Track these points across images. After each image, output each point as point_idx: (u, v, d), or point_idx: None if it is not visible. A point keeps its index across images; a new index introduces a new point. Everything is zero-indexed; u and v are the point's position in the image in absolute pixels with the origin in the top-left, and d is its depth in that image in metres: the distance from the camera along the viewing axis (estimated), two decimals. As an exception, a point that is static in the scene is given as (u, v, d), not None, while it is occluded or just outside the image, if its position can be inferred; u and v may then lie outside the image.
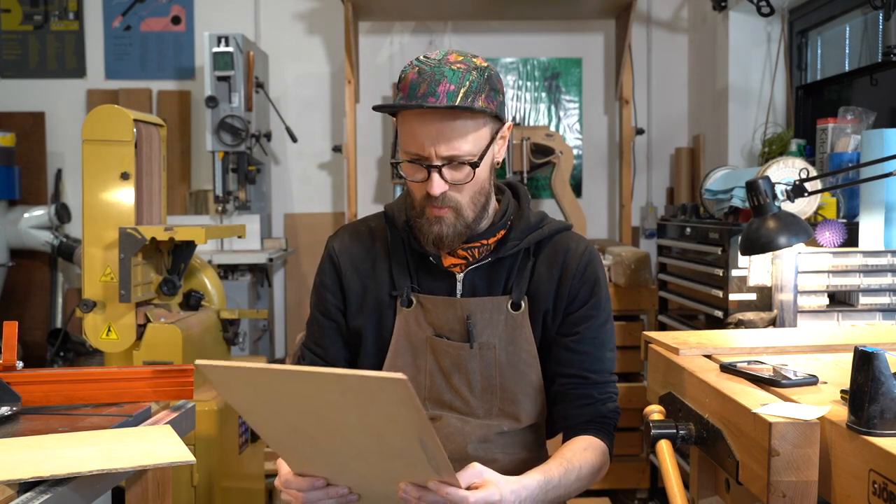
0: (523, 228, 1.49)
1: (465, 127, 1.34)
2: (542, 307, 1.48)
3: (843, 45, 3.32)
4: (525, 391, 1.48)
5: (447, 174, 1.36)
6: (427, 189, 1.37)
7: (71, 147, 4.22)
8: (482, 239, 1.48)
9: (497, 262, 1.48)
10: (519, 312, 1.47)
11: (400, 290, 1.48)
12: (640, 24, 4.23)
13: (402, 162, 1.41)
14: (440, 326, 1.47)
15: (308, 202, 4.33)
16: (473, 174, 1.37)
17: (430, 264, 1.48)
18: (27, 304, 4.20)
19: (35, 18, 4.27)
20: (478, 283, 1.48)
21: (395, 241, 1.52)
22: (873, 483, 0.99)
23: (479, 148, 1.37)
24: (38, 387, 1.44)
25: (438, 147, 1.34)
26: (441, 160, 1.35)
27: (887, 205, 2.12)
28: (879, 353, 1.05)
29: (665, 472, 1.33)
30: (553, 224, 1.52)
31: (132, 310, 2.26)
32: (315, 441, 1.16)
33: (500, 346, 1.46)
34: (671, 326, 3.08)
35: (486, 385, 1.46)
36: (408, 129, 1.37)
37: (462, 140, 1.34)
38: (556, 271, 1.48)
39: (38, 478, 1.09)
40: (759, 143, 3.54)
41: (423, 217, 1.42)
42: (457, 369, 1.46)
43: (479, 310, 1.46)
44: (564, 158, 3.69)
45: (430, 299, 1.47)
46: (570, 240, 1.52)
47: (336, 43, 4.24)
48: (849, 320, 2.09)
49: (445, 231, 1.40)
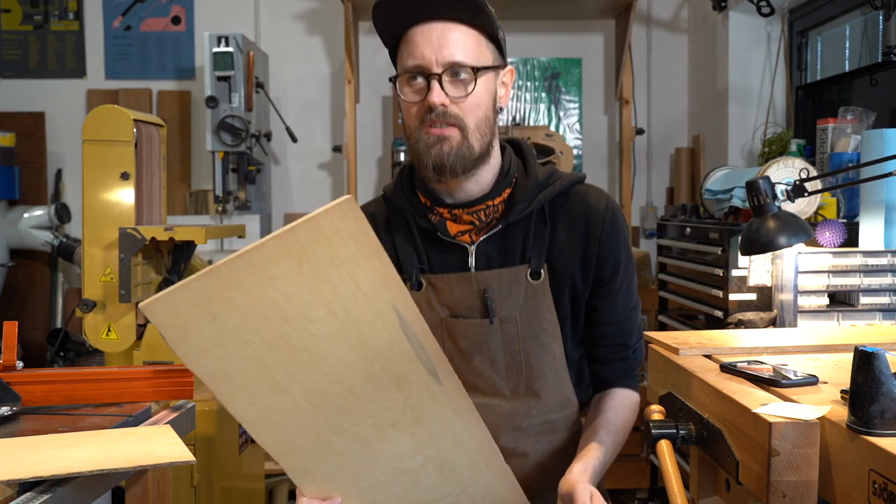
0: (532, 187, 1.40)
1: (466, 38, 1.32)
2: (567, 274, 1.40)
3: (843, 45, 3.32)
4: (550, 364, 1.41)
5: (448, 88, 1.31)
6: (428, 100, 1.31)
7: (71, 147, 4.22)
8: (487, 200, 1.39)
9: (509, 228, 1.40)
10: (539, 282, 1.38)
11: (408, 273, 1.40)
12: (640, 24, 4.23)
13: (400, 76, 1.35)
14: (455, 306, 1.39)
15: (308, 202, 4.33)
16: (474, 85, 1.32)
17: (438, 239, 1.41)
18: (27, 304, 4.20)
19: (35, 18, 4.27)
20: (491, 253, 1.40)
21: (396, 221, 1.45)
22: (873, 483, 0.99)
23: (479, 62, 1.33)
24: (38, 387, 1.44)
25: (439, 53, 1.30)
26: (441, 66, 1.30)
27: (887, 205, 2.12)
28: (879, 353, 1.05)
29: (665, 472, 1.33)
30: (565, 178, 1.43)
31: (132, 310, 2.26)
32: (300, 406, 1.06)
33: (521, 319, 1.38)
34: (671, 326, 3.08)
35: (510, 361, 1.40)
36: (407, 44, 1.33)
37: (462, 49, 1.31)
38: (580, 233, 1.40)
39: (38, 478, 1.09)
40: (759, 143, 3.54)
41: (422, 142, 1.33)
42: (477, 349, 1.39)
43: (497, 282, 1.37)
44: (564, 158, 3.69)
45: (442, 278, 1.39)
46: (589, 195, 1.43)
47: (336, 43, 4.24)
48: (849, 320, 2.09)
49: (447, 151, 1.32)
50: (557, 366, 1.43)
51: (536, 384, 1.42)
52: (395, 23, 1.35)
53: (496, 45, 1.38)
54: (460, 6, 1.30)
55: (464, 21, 1.32)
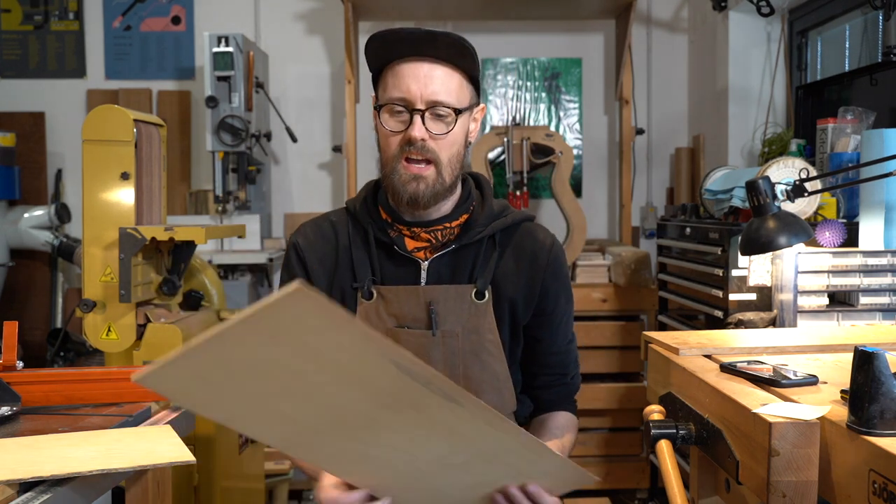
0: (487, 215, 1.51)
1: (450, 79, 1.41)
2: (509, 298, 1.50)
3: (843, 45, 3.32)
4: (489, 381, 1.48)
5: (428, 124, 1.40)
6: (409, 133, 1.39)
7: (71, 147, 4.22)
8: (445, 222, 1.49)
9: (462, 249, 1.49)
10: (483, 301, 1.47)
11: (361, 283, 1.48)
12: (640, 24, 4.23)
13: (384, 105, 1.41)
14: (403, 316, 1.47)
15: (308, 202, 4.33)
16: (454, 125, 1.40)
17: (394, 253, 1.49)
18: (27, 304, 4.20)
19: (35, 18, 4.27)
20: (442, 270, 1.49)
21: (356, 233, 1.52)
22: (873, 483, 0.99)
23: (460, 104, 1.42)
24: (38, 387, 1.44)
25: (424, 90, 1.38)
26: (424, 103, 1.39)
27: (887, 205, 2.12)
28: (879, 353, 1.05)
29: (665, 472, 1.33)
30: (516, 213, 1.54)
31: (132, 310, 2.26)
32: (319, 431, 1.03)
33: (463, 334, 1.46)
34: (671, 326, 3.08)
35: (448, 375, 1.44)
36: (394, 76, 1.40)
37: (446, 89, 1.40)
38: (525, 264, 1.51)
39: (38, 478, 1.09)
40: (759, 143, 3.54)
41: (398, 174, 1.42)
42: (420, 359, 1.43)
43: (443, 297, 1.46)
44: (564, 158, 3.69)
45: (392, 290, 1.47)
46: (537, 231, 1.56)
47: (336, 43, 4.24)
48: (849, 320, 2.09)
49: (422, 189, 1.41)
50: (497, 384, 1.50)
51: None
52: (385, 54, 1.42)
53: (474, 85, 1.47)
54: (449, 49, 1.39)
55: (449, 62, 1.41)
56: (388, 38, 1.40)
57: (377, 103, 1.45)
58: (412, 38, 1.38)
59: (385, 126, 1.42)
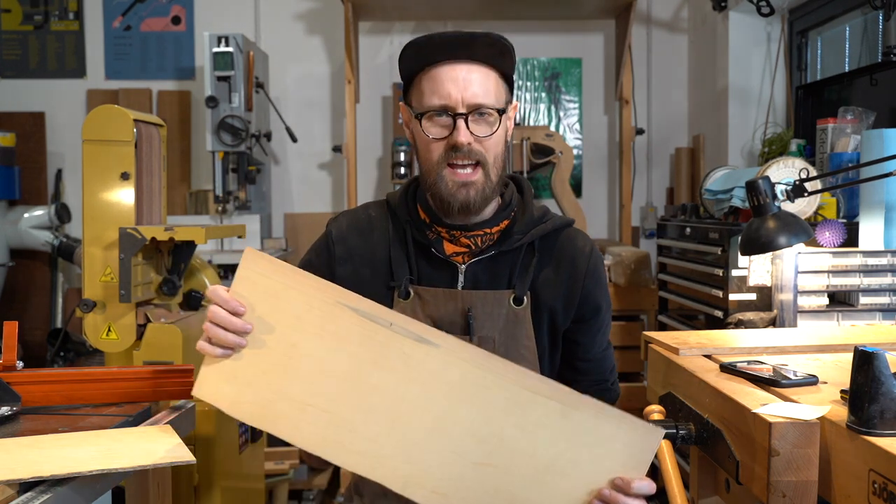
0: (527, 222, 1.48)
1: (487, 79, 1.39)
2: (548, 305, 1.47)
3: (842, 45, 3.33)
4: None
5: (472, 127, 1.38)
6: (455, 139, 1.36)
7: (71, 147, 4.22)
8: (486, 227, 1.47)
9: (500, 255, 1.46)
10: (521, 308, 1.45)
11: (398, 282, 1.46)
12: (640, 24, 4.23)
13: (426, 113, 1.39)
14: (439, 319, 1.44)
15: (308, 202, 4.33)
16: (498, 125, 1.39)
17: (432, 255, 1.47)
18: (27, 304, 4.20)
19: (35, 18, 4.27)
20: (480, 275, 1.46)
21: (396, 230, 1.50)
22: (873, 483, 0.99)
23: (499, 104, 1.40)
24: (38, 387, 1.44)
25: (464, 93, 1.36)
26: (466, 107, 1.36)
27: (887, 205, 2.12)
28: (879, 353, 1.05)
29: (665, 472, 1.33)
30: (556, 219, 1.51)
31: (132, 310, 2.26)
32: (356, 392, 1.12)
33: (500, 340, 1.44)
34: (671, 326, 3.08)
35: None
36: (431, 81, 1.38)
37: (485, 90, 1.38)
38: (565, 270, 1.48)
39: (38, 478, 1.09)
40: (759, 143, 3.54)
41: (445, 182, 1.39)
42: None
43: (481, 303, 1.44)
44: (564, 158, 3.69)
45: (430, 291, 1.45)
46: (577, 238, 1.52)
47: (336, 43, 4.24)
48: (849, 320, 2.09)
49: (473, 195, 1.39)
50: None
51: None
52: (420, 59, 1.40)
53: (508, 83, 1.45)
54: (487, 50, 1.38)
55: (485, 62, 1.39)
56: (424, 45, 1.38)
57: (416, 112, 1.41)
58: (449, 42, 1.36)
59: (426, 133, 1.39)
